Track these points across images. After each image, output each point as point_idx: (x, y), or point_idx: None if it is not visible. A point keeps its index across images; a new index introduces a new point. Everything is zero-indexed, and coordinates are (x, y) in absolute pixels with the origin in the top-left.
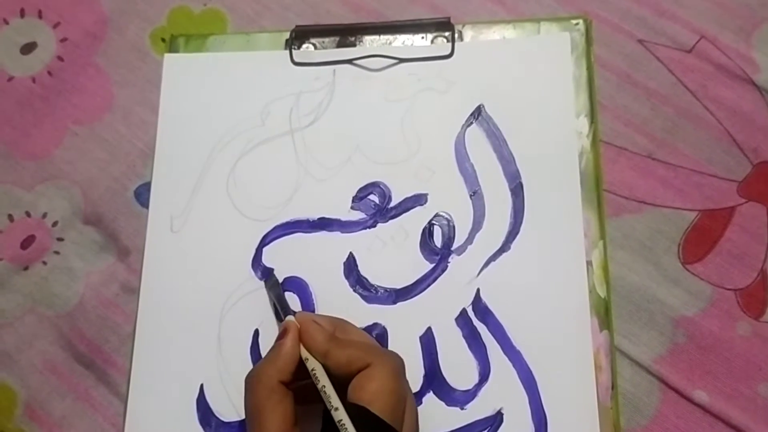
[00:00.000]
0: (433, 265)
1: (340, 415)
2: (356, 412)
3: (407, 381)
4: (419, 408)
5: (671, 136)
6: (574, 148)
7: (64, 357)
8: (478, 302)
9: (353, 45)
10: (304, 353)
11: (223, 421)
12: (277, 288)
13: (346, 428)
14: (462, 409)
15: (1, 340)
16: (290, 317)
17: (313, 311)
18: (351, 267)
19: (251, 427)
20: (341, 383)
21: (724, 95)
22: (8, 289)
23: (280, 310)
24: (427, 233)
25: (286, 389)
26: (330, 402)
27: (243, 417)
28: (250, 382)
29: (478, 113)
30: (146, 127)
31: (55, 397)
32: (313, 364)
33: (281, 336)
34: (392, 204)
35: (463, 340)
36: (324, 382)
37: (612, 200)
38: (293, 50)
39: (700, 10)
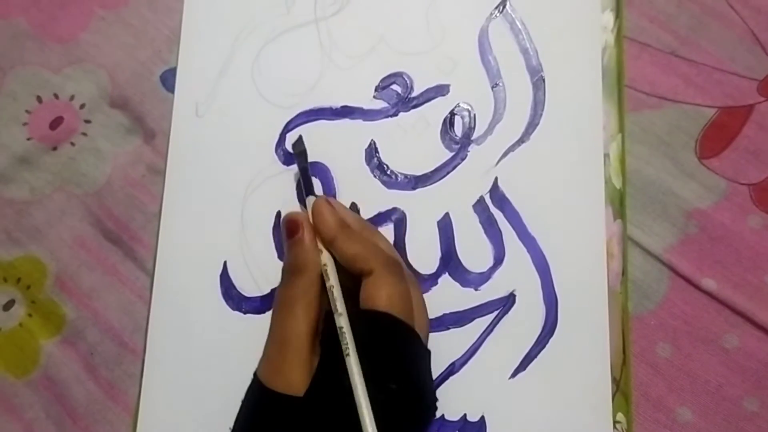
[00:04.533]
0: (452, 154)
1: (342, 321)
2: (372, 318)
3: (414, 281)
4: (435, 288)
5: (695, 33)
6: (598, 43)
7: (93, 233)
8: (495, 190)
9: None
10: (319, 244)
11: (244, 296)
12: (303, 161)
13: (345, 335)
14: (476, 290)
15: (31, 215)
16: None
17: (335, 196)
18: (372, 153)
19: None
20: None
21: None
22: (37, 167)
23: (303, 186)
24: (448, 123)
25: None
26: (336, 305)
27: (263, 293)
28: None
29: (502, 6)
30: (172, 13)
31: (84, 270)
32: (326, 259)
33: (293, 231)
34: (414, 94)
35: (480, 226)
36: (333, 281)
37: (633, 96)
38: None
39: None
